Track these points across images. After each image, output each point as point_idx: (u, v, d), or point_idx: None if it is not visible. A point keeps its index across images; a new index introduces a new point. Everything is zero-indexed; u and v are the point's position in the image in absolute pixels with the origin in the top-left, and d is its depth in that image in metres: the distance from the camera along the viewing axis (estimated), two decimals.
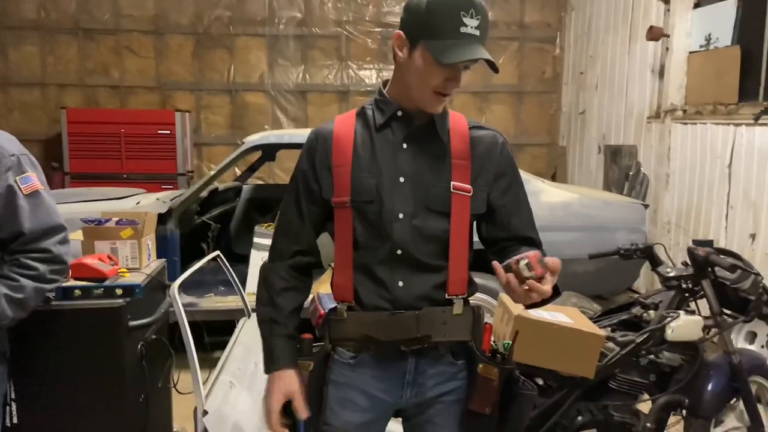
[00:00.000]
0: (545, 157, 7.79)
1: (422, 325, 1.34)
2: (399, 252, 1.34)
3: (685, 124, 5.00)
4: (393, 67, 1.39)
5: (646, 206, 4.17)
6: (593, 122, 6.83)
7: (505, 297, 2.40)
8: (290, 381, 1.36)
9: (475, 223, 1.44)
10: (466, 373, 1.41)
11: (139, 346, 2.04)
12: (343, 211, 1.37)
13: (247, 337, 2.54)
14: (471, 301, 1.44)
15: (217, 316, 3.57)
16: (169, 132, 6.45)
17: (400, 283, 1.35)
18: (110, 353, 1.90)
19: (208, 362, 2.24)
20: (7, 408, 1.76)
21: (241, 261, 3.88)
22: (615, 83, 6.30)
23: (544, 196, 3.96)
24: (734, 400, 2.49)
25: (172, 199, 3.92)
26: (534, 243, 1.42)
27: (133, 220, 2.28)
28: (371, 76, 7.36)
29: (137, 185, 5.09)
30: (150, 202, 3.92)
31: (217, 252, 2.80)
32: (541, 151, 7.78)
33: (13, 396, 1.78)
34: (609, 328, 2.51)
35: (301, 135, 4.26)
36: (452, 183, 1.35)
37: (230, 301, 3.73)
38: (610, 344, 2.35)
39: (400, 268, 1.35)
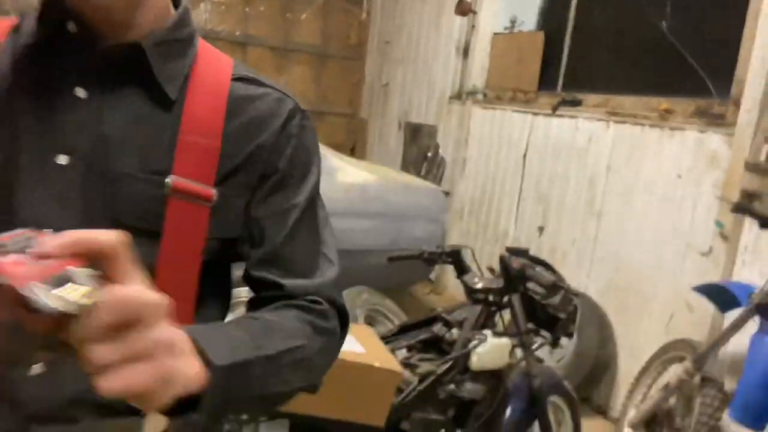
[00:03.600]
0: (345, 129, 7.35)
1: None
2: None
3: (486, 108, 4.85)
4: None
5: (447, 194, 3.89)
6: (396, 97, 6.53)
7: None
8: None
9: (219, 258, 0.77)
10: None
11: None
12: None
13: None
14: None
15: None
16: None
17: (35, 371, 0.67)
18: None
19: None
20: None
21: None
22: (420, 57, 6.02)
23: (341, 176, 3.44)
24: (530, 425, 2.25)
25: None
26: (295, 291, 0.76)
27: None
28: None
29: None
30: None
31: None
32: (341, 122, 7.32)
33: None
34: (406, 349, 2.06)
35: None
36: (171, 177, 0.71)
37: None
38: (407, 374, 1.90)
39: (34, 344, 0.63)
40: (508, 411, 2.11)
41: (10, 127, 0.69)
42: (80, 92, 0.70)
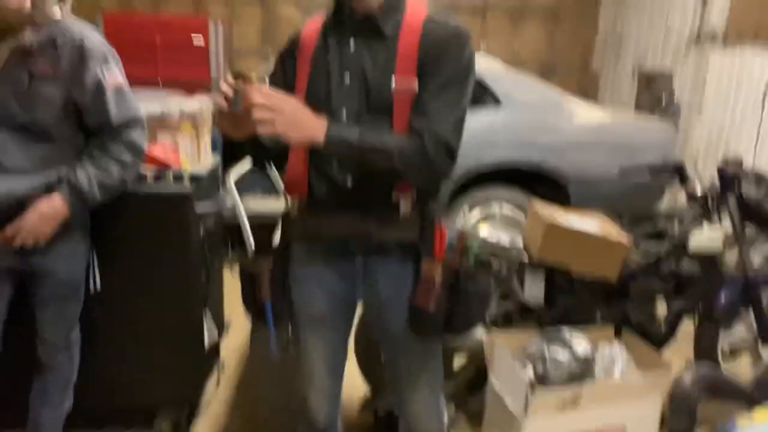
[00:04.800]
0: (575, 83, 7.68)
1: (368, 223, 1.38)
2: None
3: (725, 48, 4.92)
4: None
5: (676, 128, 4.22)
6: (630, 45, 6.70)
7: (535, 205, 2.54)
8: None
9: None
10: (413, 272, 1.43)
11: (201, 231, 2.23)
12: None
13: None
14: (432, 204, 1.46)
15: (259, 219, 3.75)
16: (203, 40, 6.47)
17: (349, 182, 1.39)
18: (179, 233, 2.08)
19: None
20: (91, 273, 1.97)
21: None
22: (656, 3, 6.13)
23: (578, 118, 4.01)
24: (745, 311, 2.65)
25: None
26: (414, 133, 1.31)
27: (193, 115, 2.42)
28: None
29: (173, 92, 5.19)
30: (195, 106, 4.03)
31: None
32: (571, 76, 7.65)
33: (96, 264, 1.98)
34: (634, 239, 2.65)
35: None
36: (393, 80, 1.33)
37: (269, 204, 3.91)
38: (635, 253, 2.50)
39: (348, 168, 1.38)
40: (724, 294, 2.56)
41: (327, 64, 1.38)
42: (352, 44, 1.36)
